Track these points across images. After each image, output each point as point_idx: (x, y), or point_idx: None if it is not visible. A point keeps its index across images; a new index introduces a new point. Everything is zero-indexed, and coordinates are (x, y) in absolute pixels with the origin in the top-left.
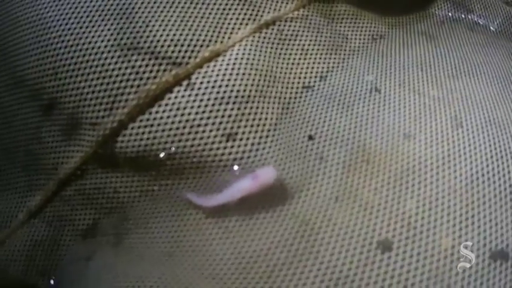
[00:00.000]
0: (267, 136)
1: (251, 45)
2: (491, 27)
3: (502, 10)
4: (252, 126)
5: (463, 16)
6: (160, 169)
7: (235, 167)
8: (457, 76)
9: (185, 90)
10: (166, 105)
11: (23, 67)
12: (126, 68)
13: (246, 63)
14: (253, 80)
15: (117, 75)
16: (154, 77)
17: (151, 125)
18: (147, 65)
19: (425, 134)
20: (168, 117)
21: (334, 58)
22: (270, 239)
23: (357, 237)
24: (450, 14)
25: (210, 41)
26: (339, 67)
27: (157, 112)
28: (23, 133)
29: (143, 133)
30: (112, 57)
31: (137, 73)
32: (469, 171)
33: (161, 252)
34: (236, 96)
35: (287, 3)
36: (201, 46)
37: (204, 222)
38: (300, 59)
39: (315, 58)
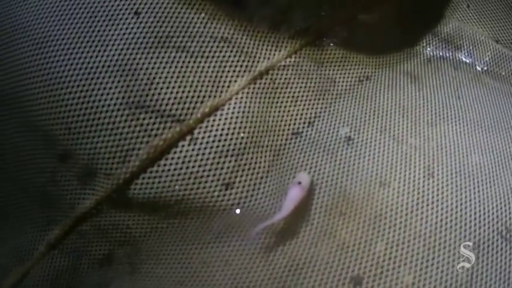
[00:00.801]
0: (260, 183)
1: (246, 97)
2: (478, 67)
3: (491, 48)
4: (247, 175)
5: (450, 54)
6: (168, 211)
7: (238, 211)
8: (436, 123)
9: (189, 144)
10: (172, 158)
11: (36, 117)
12: (136, 125)
13: (242, 116)
14: (248, 132)
15: (127, 132)
16: (161, 134)
17: (160, 176)
18: (154, 123)
19: (399, 183)
20: (175, 169)
21: (322, 103)
22: (264, 271)
23: (334, 272)
24: (437, 52)
25: (209, 96)
26: (326, 112)
27: (165, 165)
28: (38, 175)
29: (153, 183)
30: (122, 115)
31: (145, 130)
32: (434, 218)
33: (173, 281)
34: (233, 149)
35: (280, 50)
36: (202, 102)
37: (208, 255)
38: (290, 106)
39: (304, 104)
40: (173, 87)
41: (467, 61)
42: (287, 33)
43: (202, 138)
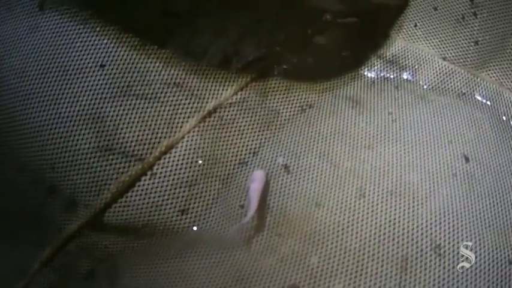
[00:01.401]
0: (210, 208)
1: (197, 135)
2: (424, 85)
3: (437, 65)
4: (199, 202)
5: (394, 75)
6: (138, 233)
7: (195, 228)
8: (373, 145)
9: (149, 179)
10: (137, 191)
11: (26, 158)
12: (106, 165)
13: (194, 152)
14: (199, 165)
15: (99, 171)
16: (127, 171)
17: (128, 206)
18: (120, 162)
19: (333, 204)
20: (139, 199)
21: (266, 133)
22: (216, 281)
23: (274, 282)
24: (382, 74)
25: (165, 136)
26: (270, 141)
27: (131, 196)
28: (30, 205)
29: (123, 211)
30: (94, 157)
31: (114, 169)
32: (363, 234)
33: None
34: (187, 181)
35: (227, 89)
36: (159, 142)
37: (171, 269)
38: (237, 139)
39: (250, 136)
40: (134, 131)
41: (412, 80)
42: (239, 66)
43: (161, 173)
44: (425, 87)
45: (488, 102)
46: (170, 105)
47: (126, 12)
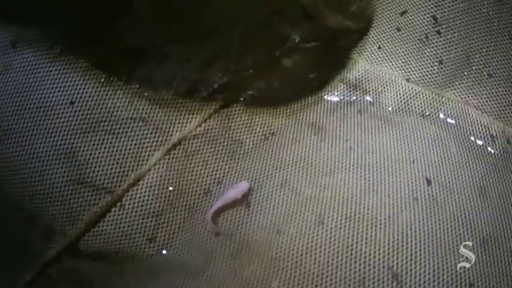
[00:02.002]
0: (176, 236)
1: (163, 167)
2: (388, 107)
3: (401, 87)
4: (165, 231)
5: (357, 99)
6: (110, 259)
7: (163, 253)
8: (334, 172)
9: (119, 210)
10: (108, 221)
11: (8, 190)
12: (78, 197)
13: (160, 184)
14: (165, 196)
15: (73, 202)
16: (98, 203)
17: (100, 235)
18: (91, 195)
19: (293, 230)
20: (110, 229)
21: (230, 163)
22: None
23: None
24: (344, 98)
25: (132, 170)
26: (233, 170)
27: (103, 226)
28: (15, 233)
29: (96, 240)
30: (67, 190)
31: (86, 200)
32: (322, 260)
33: None
34: (153, 211)
35: (191, 121)
36: (127, 175)
37: None
38: (201, 170)
39: (214, 166)
40: (103, 165)
41: (376, 103)
42: (205, 94)
43: (129, 204)
44: (389, 109)
45: (453, 122)
46: (137, 140)
47: (93, 48)
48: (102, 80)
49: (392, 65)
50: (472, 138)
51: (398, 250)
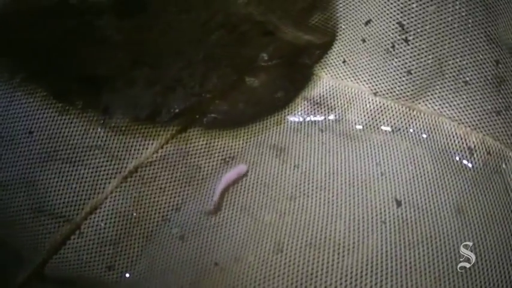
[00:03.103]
0: (135, 264)
1: (119, 195)
2: (355, 125)
3: (368, 102)
4: (123, 258)
5: (321, 118)
6: (73, 286)
7: (127, 275)
8: (295, 196)
9: (78, 238)
10: (68, 249)
11: None
12: (39, 225)
13: (117, 212)
14: (123, 224)
15: (35, 230)
16: (57, 231)
17: (61, 262)
18: (51, 223)
19: (251, 258)
20: (70, 257)
21: (188, 189)
22: None
23: None
24: (308, 118)
25: (89, 198)
26: (192, 197)
27: (63, 253)
28: None
29: (57, 267)
30: (29, 218)
31: (46, 229)
32: (280, 286)
33: None
34: (111, 240)
35: (147, 147)
36: (84, 204)
37: None
38: (159, 197)
39: (172, 193)
40: (62, 194)
41: (342, 121)
42: (166, 118)
43: (87, 232)
44: (356, 126)
45: (426, 136)
46: (93, 168)
47: (51, 77)
48: (60, 108)
49: (359, 79)
50: (448, 152)
51: (364, 278)
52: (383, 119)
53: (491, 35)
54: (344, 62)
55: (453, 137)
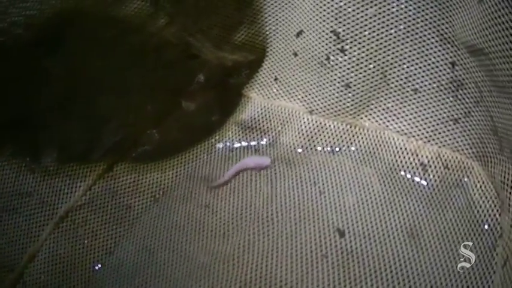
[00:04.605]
0: None
1: (53, 242)
2: (291, 148)
3: (304, 121)
4: None
5: (254, 143)
6: None
7: None
8: (229, 234)
9: (22, 287)
10: None
11: None
12: None
13: (53, 259)
14: (60, 271)
15: None
16: (4, 281)
17: None
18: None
19: None
20: None
21: (120, 231)
22: None
23: None
24: (238, 144)
25: (27, 247)
26: (124, 238)
27: None
28: None
29: None
30: None
31: None
32: None
33: None
34: (52, 286)
35: (75, 190)
36: (22, 253)
37: None
38: (91, 240)
39: (103, 236)
40: (2, 244)
41: (275, 145)
42: (100, 154)
43: (30, 281)
44: (292, 150)
45: (372, 154)
46: (26, 215)
47: None
48: None
49: (292, 97)
50: (397, 170)
51: None
52: (321, 139)
53: (445, 34)
54: (276, 79)
55: (402, 153)
